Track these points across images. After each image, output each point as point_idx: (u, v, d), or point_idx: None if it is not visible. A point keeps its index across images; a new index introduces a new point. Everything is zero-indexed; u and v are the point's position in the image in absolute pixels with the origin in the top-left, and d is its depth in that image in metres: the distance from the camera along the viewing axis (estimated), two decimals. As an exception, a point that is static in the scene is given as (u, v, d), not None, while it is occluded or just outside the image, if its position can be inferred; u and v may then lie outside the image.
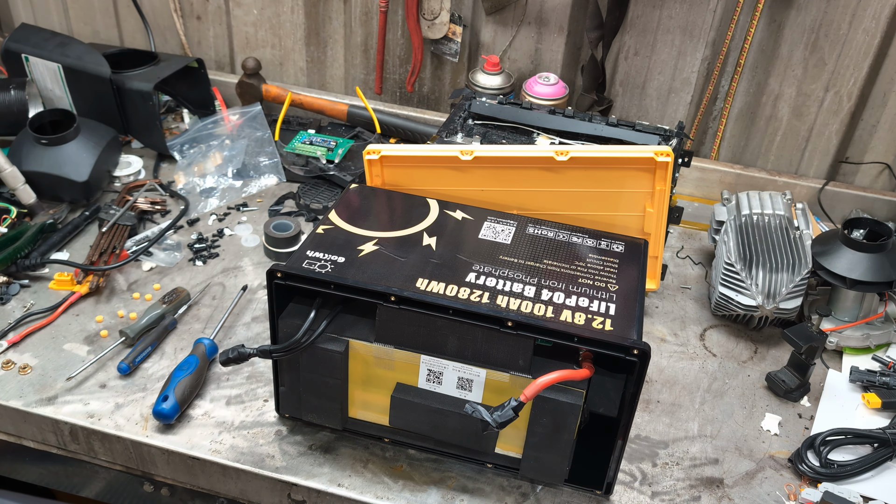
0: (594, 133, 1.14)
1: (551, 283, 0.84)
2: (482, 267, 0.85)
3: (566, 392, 0.79)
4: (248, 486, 0.92)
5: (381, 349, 0.83)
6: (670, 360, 1.10)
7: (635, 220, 1.04)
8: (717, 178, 1.40)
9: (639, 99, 1.46)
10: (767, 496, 0.92)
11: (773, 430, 1.00)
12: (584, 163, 1.00)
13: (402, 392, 0.84)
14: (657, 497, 0.91)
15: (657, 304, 1.19)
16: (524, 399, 0.76)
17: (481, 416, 0.76)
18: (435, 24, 1.45)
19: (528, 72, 1.47)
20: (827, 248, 1.09)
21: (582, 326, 0.78)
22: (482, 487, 0.90)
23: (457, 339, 0.81)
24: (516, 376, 0.80)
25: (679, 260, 1.29)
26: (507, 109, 1.19)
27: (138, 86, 1.38)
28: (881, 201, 1.37)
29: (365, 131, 1.49)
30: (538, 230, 0.93)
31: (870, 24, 1.29)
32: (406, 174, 1.04)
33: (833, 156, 1.43)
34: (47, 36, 1.44)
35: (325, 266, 0.83)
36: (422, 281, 0.82)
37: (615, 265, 0.88)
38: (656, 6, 1.36)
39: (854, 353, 1.11)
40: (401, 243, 0.88)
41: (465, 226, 0.93)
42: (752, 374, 1.08)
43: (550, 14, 1.41)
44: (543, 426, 0.81)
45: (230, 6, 1.58)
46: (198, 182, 1.37)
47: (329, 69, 1.61)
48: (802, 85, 1.38)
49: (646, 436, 0.98)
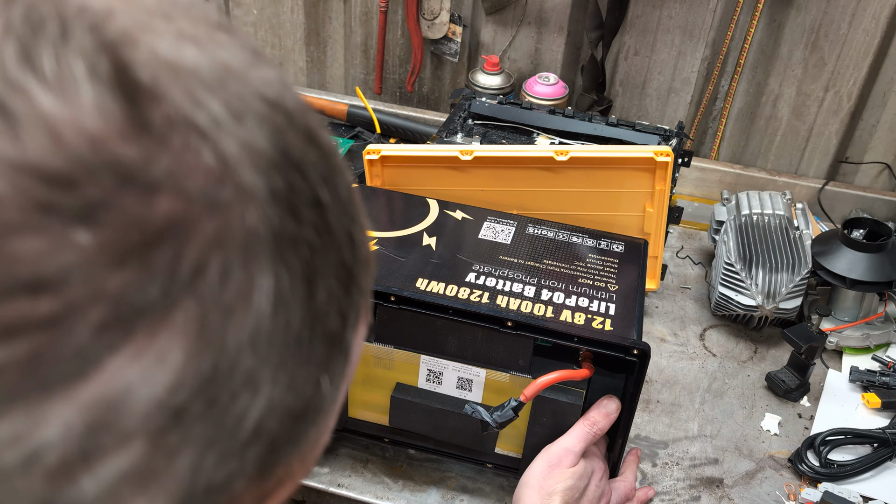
0: (594, 133, 1.14)
1: (551, 283, 0.84)
2: (482, 267, 0.85)
3: (566, 392, 0.79)
4: (248, 486, 0.92)
5: (381, 349, 0.83)
6: (670, 360, 1.10)
7: (635, 220, 1.04)
8: (717, 178, 1.40)
9: (639, 99, 1.46)
10: (767, 496, 0.92)
11: (773, 430, 1.00)
12: (584, 163, 1.00)
13: (401, 392, 0.84)
14: (657, 497, 0.91)
15: (657, 304, 1.19)
16: (524, 399, 0.76)
17: (481, 417, 0.76)
18: (435, 24, 1.44)
19: (527, 72, 1.47)
20: (827, 248, 1.09)
21: (582, 326, 0.78)
22: (482, 487, 0.90)
23: (456, 339, 0.81)
24: (516, 376, 0.80)
25: (679, 260, 1.29)
26: (507, 109, 1.19)
27: (138, 86, 1.37)
28: (881, 201, 1.37)
29: (365, 131, 1.49)
30: (538, 230, 0.93)
31: (870, 24, 1.29)
32: (406, 174, 1.04)
33: (833, 156, 1.43)
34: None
35: None
36: (422, 281, 0.82)
37: (615, 265, 0.88)
38: (656, 6, 1.36)
39: (854, 353, 1.11)
40: (400, 243, 0.88)
41: (464, 226, 0.93)
42: (752, 374, 1.08)
43: (550, 14, 1.41)
44: (543, 426, 0.81)
45: (230, 6, 1.58)
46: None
47: (329, 69, 1.61)
48: (802, 85, 1.38)
49: (646, 436, 0.98)
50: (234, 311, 0.24)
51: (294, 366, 0.26)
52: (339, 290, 0.28)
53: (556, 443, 0.78)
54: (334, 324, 0.28)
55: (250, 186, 0.24)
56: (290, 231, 0.25)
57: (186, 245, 0.23)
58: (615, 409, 0.80)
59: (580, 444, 0.77)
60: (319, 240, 0.26)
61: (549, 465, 0.77)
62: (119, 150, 0.22)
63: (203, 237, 0.23)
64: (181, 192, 0.23)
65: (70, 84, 0.22)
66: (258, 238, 0.24)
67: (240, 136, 0.24)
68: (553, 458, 0.77)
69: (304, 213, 0.26)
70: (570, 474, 0.76)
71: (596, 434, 0.78)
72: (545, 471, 0.76)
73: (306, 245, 0.26)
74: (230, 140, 0.24)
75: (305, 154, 0.27)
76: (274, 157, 0.25)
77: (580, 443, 0.77)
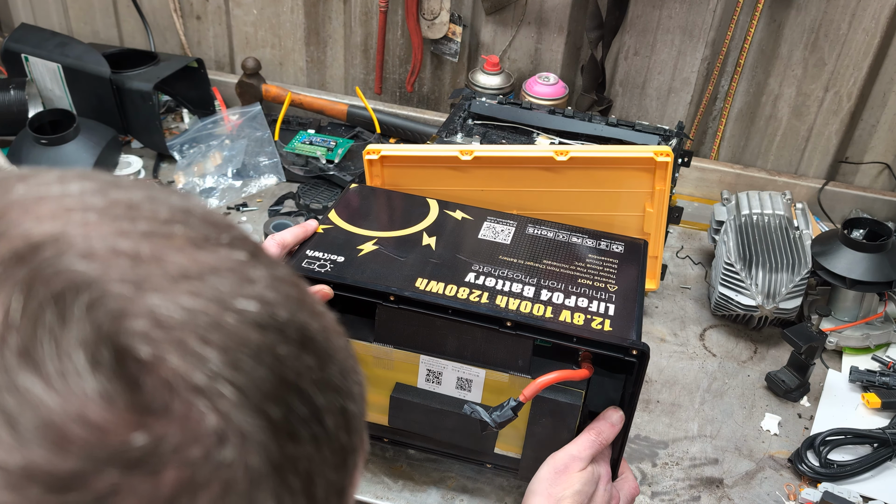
0: (594, 133, 1.14)
1: (551, 283, 0.84)
2: (481, 267, 0.85)
3: (565, 392, 0.79)
4: (248, 486, 0.92)
5: (381, 349, 0.83)
6: (670, 360, 1.10)
7: (635, 220, 1.04)
8: (717, 178, 1.40)
9: (639, 99, 1.46)
10: (767, 496, 0.92)
11: (773, 430, 1.00)
12: (584, 163, 1.00)
13: (401, 392, 0.84)
14: (657, 497, 0.91)
15: (657, 304, 1.19)
16: (523, 399, 0.76)
17: (480, 417, 0.76)
18: (435, 24, 1.44)
19: (527, 72, 1.47)
20: (827, 248, 1.09)
21: (581, 327, 0.77)
22: (482, 487, 0.90)
23: (456, 339, 0.81)
24: (515, 376, 0.80)
25: (679, 260, 1.29)
26: (507, 109, 1.19)
27: (138, 86, 1.38)
28: (881, 201, 1.37)
29: (365, 131, 1.49)
30: (538, 230, 0.93)
31: (870, 24, 1.29)
32: (406, 174, 1.04)
33: (833, 156, 1.43)
34: (47, 36, 1.44)
35: (325, 265, 0.83)
36: (421, 281, 0.81)
37: (615, 265, 0.88)
38: (656, 6, 1.36)
39: (854, 353, 1.11)
40: (400, 243, 0.88)
41: (464, 226, 0.93)
42: (752, 374, 1.08)
43: (550, 14, 1.41)
44: (542, 426, 0.81)
45: (230, 6, 1.58)
46: (198, 182, 1.37)
47: (329, 69, 1.61)
48: (802, 85, 1.38)
49: (645, 436, 0.98)
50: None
51: None
52: (336, 476, 0.29)
53: (563, 450, 0.78)
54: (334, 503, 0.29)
55: (251, 432, 0.25)
56: (290, 455, 0.27)
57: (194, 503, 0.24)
58: (619, 419, 0.79)
59: (587, 452, 0.77)
60: (317, 449, 0.28)
61: (556, 471, 0.76)
62: (125, 439, 0.23)
63: (209, 495, 0.24)
64: (187, 463, 0.24)
65: (72, 378, 0.23)
66: (260, 477, 0.26)
67: (238, 383, 0.25)
68: (559, 465, 0.76)
69: (302, 431, 0.27)
70: (577, 479, 0.75)
71: (602, 444, 0.78)
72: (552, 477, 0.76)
73: (305, 459, 0.27)
74: (229, 390, 0.25)
75: (300, 365, 0.28)
76: (271, 390, 0.26)
77: (587, 450, 0.77)
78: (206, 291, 0.26)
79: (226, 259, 0.28)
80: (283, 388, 0.27)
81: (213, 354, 0.25)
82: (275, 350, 0.27)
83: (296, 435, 0.27)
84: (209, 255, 0.28)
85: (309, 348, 0.29)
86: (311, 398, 0.28)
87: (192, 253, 0.27)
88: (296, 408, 0.27)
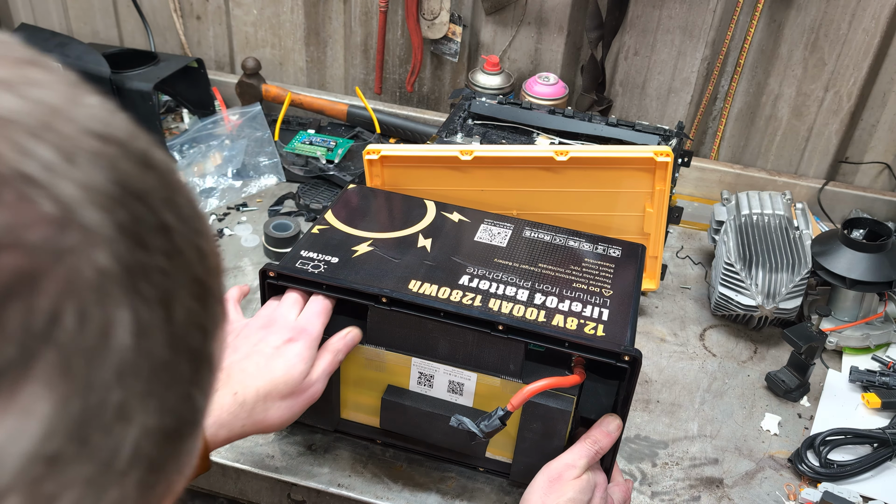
0: (594, 133, 1.14)
1: (545, 287, 0.83)
2: (476, 269, 0.84)
3: (557, 398, 0.78)
4: (248, 486, 0.92)
5: (372, 351, 0.83)
6: (670, 360, 1.10)
7: (635, 220, 1.04)
8: (717, 178, 1.40)
9: (639, 99, 1.46)
10: (767, 496, 0.92)
11: (773, 430, 1.00)
12: (584, 163, 1.00)
13: (392, 394, 0.84)
14: (657, 497, 0.91)
15: (657, 304, 1.19)
16: (511, 408, 0.75)
17: (468, 428, 0.75)
18: (435, 24, 1.44)
19: (527, 72, 1.47)
20: (827, 248, 1.09)
21: (573, 332, 0.77)
22: (482, 487, 0.90)
23: (448, 342, 0.80)
24: (507, 381, 0.80)
25: (679, 260, 1.29)
26: (507, 109, 1.19)
27: (138, 86, 1.38)
28: (881, 201, 1.37)
29: (365, 131, 1.49)
30: (535, 233, 0.92)
31: (870, 24, 1.29)
32: (406, 174, 1.04)
33: (833, 156, 1.43)
34: (47, 36, 1.44)
35: (319, 266, 0.82)
36: (414, 283, 0.81)
37: (611, 270, 0.87)
38: (656, 6, 1.36)
39: (854, 353, 1.11)
40: (396, 244, 0.88)
41: (461, 228, 0.93)
42: (752, 374, 1.08)
43: (550, 14, 1.41)
44: (534, 432, 0.80)
45: (230, 6, 1.58)
46: (197, 182, 1.37)
47: (329, 69, 1.61)
48: (802, 85, 1.38)
49: (645, 436, 0.98)
50: (96, 352, 0.24)
51: (163, 389, 0.26)
52: (197, 306, 0.28)
53: (558, 458, 0.77)
54: (196, 340, 0.28)
55: (95, 226, 0.24)
56: (141, 262, 0.26)
57: (37, 297, 0.23)
58: (616, 428, 0.79)
59: (582, 460, 0.76)
60: (170, 263, 0.27)
61: (550, 479, 0.75)
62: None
63: (54, 286, 0.23)
64: (22, 245, 0.23)
65: None
66: (110, 276, 0.25)
67: (76, 178, 0.24)
68: (554, 473, 0.76)
69: (151, 240, 0.26)
70: (571, 487, 0.75)
71: (598, 452, 0.77)
72: (546, 486, 0.75)
73: (158, 271, 0.26)
74: (67, 184, 0.24)
75: (144, 181, 0.27)
76: (114, 192, 0.25)
77: (582, 459, 0.76)
78: (35, 96, 0.25)
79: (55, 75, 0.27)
80: (127, 194, 0.26)
81: (45, 151, 0.24)
82: (115, 161, 0.26)
83: (146, 243, 0.26)
84: (37, 71, 0.27)
85: (152, 169, 0.27)
86: (159, 213, 0.27)
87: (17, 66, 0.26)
88: (142, 216, 0.26)
